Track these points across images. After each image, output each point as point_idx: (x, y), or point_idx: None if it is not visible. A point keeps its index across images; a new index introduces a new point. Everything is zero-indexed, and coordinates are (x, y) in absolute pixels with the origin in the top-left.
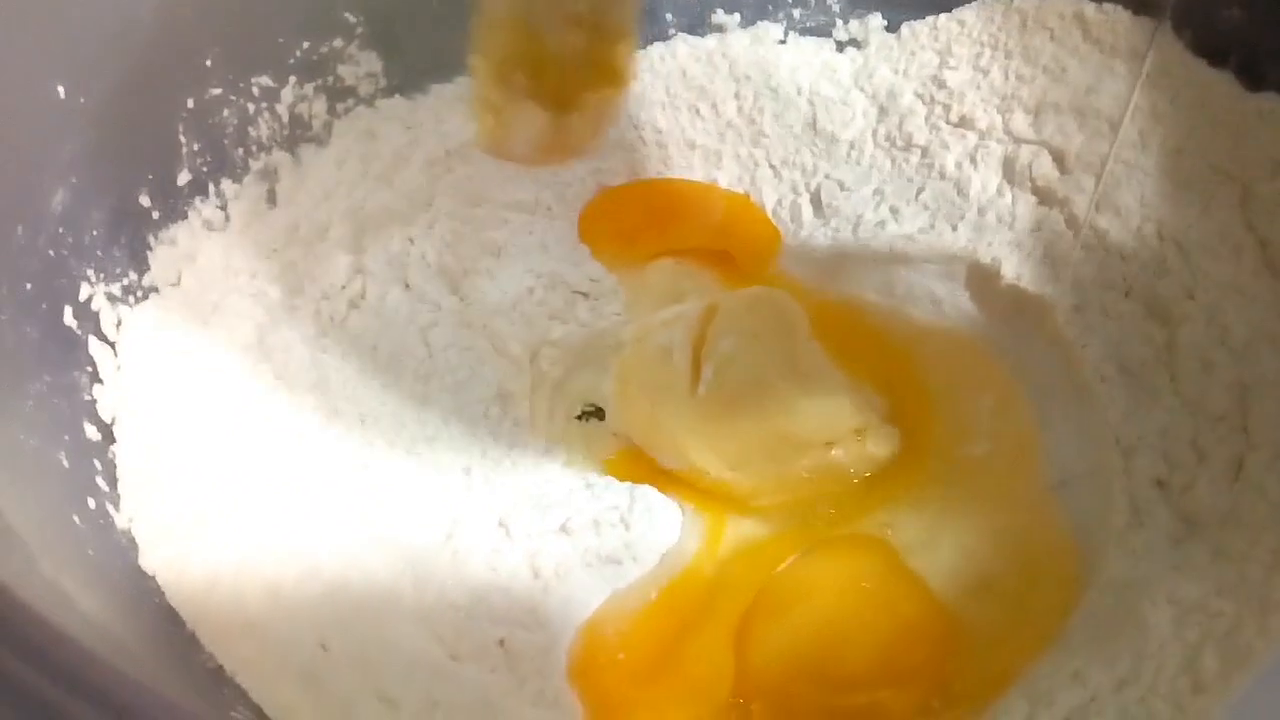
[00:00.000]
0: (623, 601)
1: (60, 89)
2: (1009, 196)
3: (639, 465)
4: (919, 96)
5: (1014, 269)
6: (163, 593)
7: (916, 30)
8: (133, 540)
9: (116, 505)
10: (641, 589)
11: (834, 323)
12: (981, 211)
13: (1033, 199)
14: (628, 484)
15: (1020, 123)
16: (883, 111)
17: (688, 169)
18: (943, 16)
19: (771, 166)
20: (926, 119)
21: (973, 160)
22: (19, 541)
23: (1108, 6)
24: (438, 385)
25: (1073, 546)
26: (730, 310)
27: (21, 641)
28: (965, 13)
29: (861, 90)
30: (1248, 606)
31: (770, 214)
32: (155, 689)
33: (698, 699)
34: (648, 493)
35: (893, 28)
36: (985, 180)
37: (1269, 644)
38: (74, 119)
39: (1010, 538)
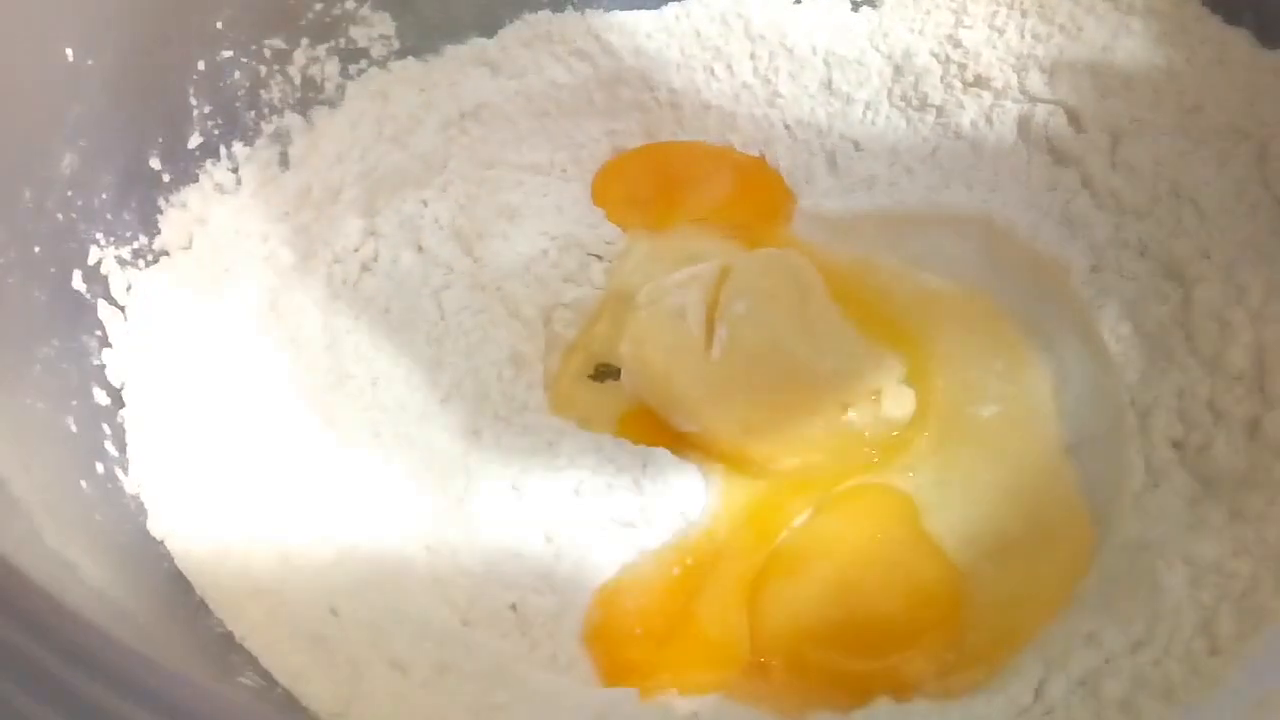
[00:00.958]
0: (637, 565)
1: (69, 51)
2: (1024, 155)
3: (653, 427)
4: (934, 56)
5: (1029, 229)
6: (171, 558)
7: None
8: (141, 505)
9: (125, 470)
10: (656, 552)
11: (848, 284)
12: (997, 171)
13: (1048, 158)
14: (641, 446)
15: (1036, 82)
16: (898, 71)
17: (702, 131)
18: None
19: (787, 127)
20: (942, 78)
21: (988, 120)
22: (23, 512)
23: None
24: (450, 348)
25: (1084, 508)
26: (744, 272)
27: (22, 614)
28: None
29: (877, 50)
30: (1264, 566)
31: (785, 175)
32: (158, 660)
33: (718, 659)
34: (661, 455)
35: None
36: (1001, 139)
37: None
38: (83, 81)
39: (1021, 499)
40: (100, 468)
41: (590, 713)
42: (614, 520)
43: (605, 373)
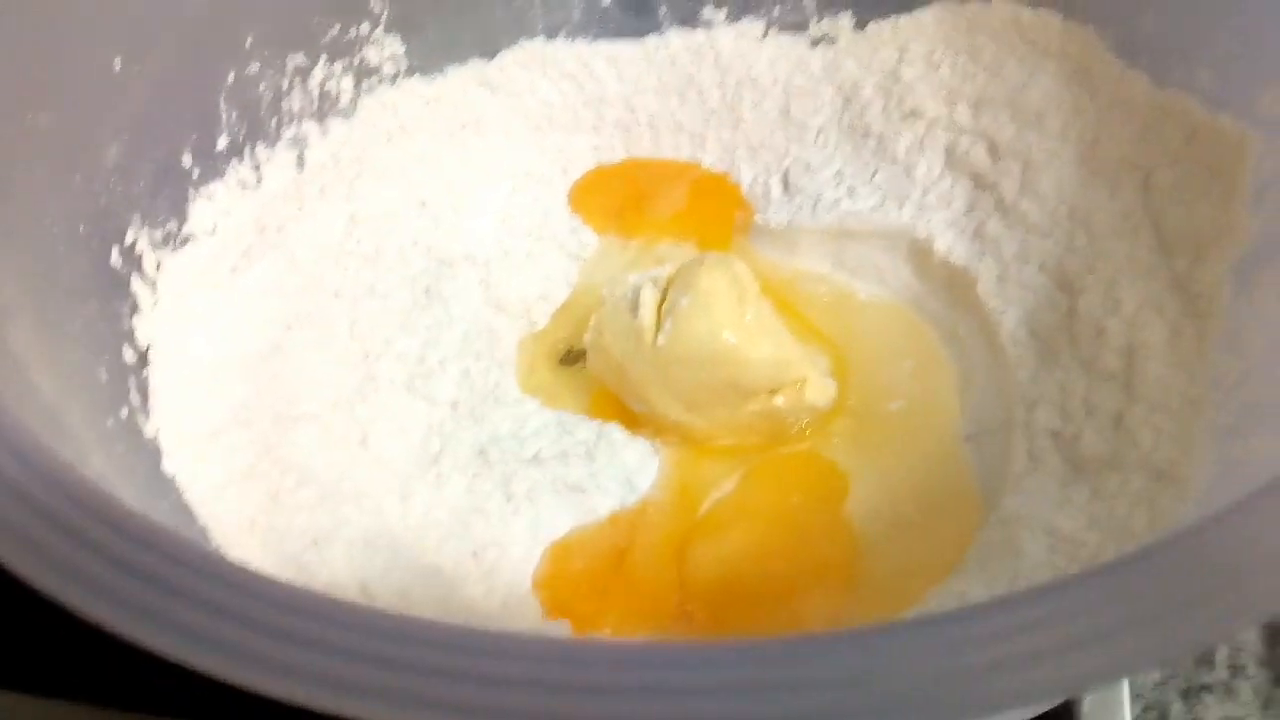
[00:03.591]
0: (585, 525)
1: (117, 61)
2: (949, 180)
3: (611, 406)
4: (878, 89)
5: (947, 245)
6: (180, 492)
7: (880, 28)
8: (158, 447)
9: (147, 416)
10: (602, 514)
11: (788, 289)
12: (925, 193)
13: (969, 183)
14: (596, 421)
15: (963, 114)
16: (847, 102)
17: (675, 149)
18: (904, 17)
19: (749, 149)
20: (883, 109)
21: (920, 147)
22: (73, 436)
23: (1042, 11)
24: (438, 330)
25: (975, 490)
26: (688, 272)
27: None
28: (924, 14)
29: (830, 82)
30: (1109, 537)
31: (745, 191)
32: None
33: (648, 608)
34: (613, 430)
35: (860, 25)
36: (929, 165)
37: None
38: (128, 86)
39: (919, 481)
40: (125, 412)
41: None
42: (567, 485)
43: (572, 357)
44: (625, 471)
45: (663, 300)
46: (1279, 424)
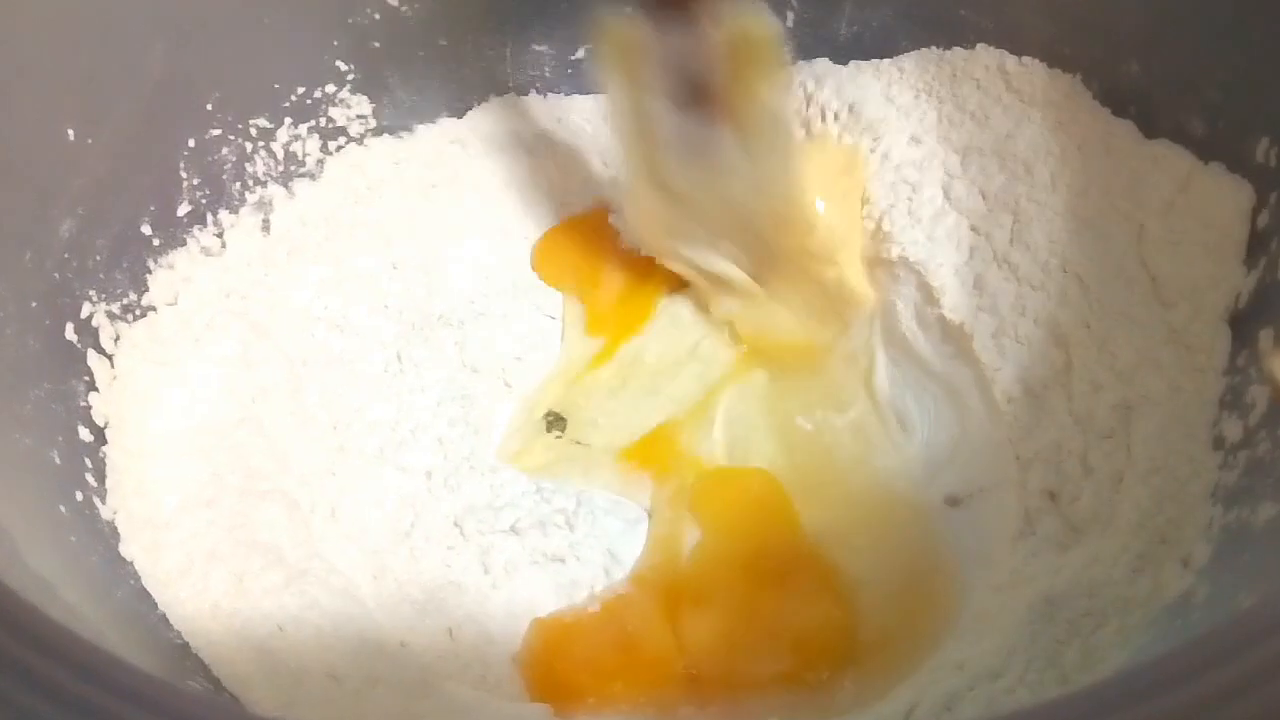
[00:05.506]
0: (574, 606)
1: (70, 131)
2: (952, 220)
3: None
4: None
5: (950, 298)
6: (139, 577)
7: (861, 68)
8: (115, 530)
9: (103, 499)
10: (583, 585)
11: None
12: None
13: (970, 233)
14: (576, 489)
15: (953, 163)
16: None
17: None
18: (884, 61)
19: None
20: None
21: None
22: (6, 535)
23: (1027, 60)
24: (411, 396)
25: (953, 564)
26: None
27: (13, 624)
28: (904, 61)
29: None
30: (1112, 607)
31: None
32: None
33: (655, 678)
34: (593, 497)
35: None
36: (931, 194)
37: (1126, 640)
38: (82, 158)
39: (897, 553)
40: (79, 496)
41: None
42: (546, 555)
43: (553, 423)
44: (607, 540)
45: None
46: None
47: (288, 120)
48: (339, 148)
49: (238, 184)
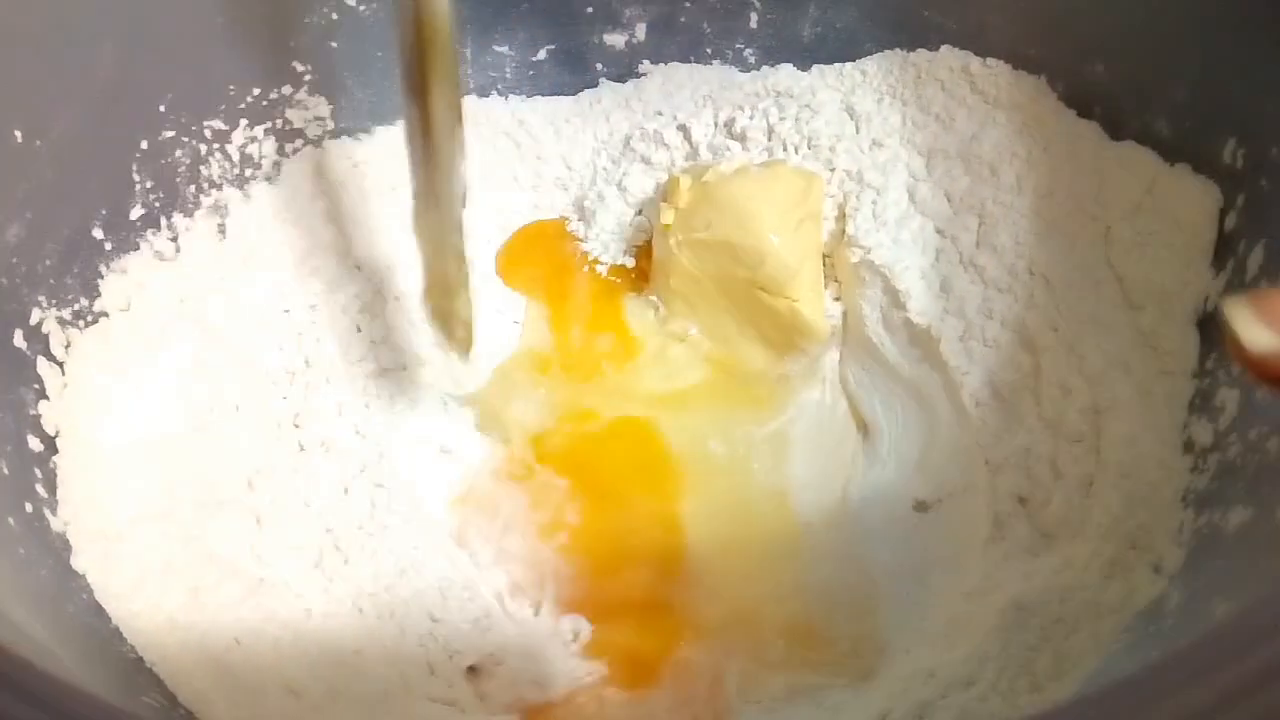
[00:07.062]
0: None
1: (17, 133)
2: (919, 223)
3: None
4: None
5: (916, 302)
6: (91, 590)
7: (824, 72)
8: (66, 542)
9: (54, 510)
10: None
11: None
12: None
13: (935, 230)
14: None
15: (917, 165)
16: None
17: None
18: (848, 65)
19: None
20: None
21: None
22: None
23: (991, 61)
24: (372, 397)
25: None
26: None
27: None
28: (868, 63)
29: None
30: (1084, 611)
31: None
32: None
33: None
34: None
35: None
36: (897, 197)
37: (1098, 646)
38: (30, 160)
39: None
40: (29, 507)
41: None
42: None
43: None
44: None
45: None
46: (1257, 492)
47: (243, 122)
48: (296, 150)
49: (192, 187)
